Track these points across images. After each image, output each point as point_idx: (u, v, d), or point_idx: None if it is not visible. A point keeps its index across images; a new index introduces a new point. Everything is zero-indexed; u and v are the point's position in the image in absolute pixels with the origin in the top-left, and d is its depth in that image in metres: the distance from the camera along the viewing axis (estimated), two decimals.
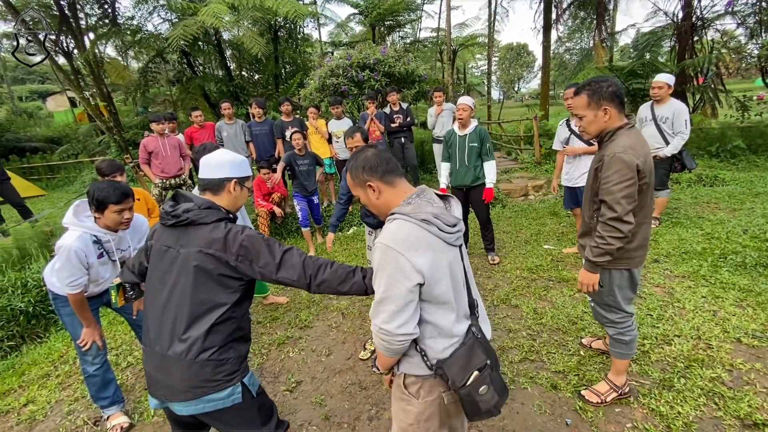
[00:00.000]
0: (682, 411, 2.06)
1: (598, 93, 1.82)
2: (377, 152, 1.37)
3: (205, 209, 1.43)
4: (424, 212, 1.21)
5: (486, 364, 1.27)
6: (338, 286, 1.43)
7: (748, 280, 3.21)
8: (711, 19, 9.40)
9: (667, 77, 4.12)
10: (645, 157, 1.78)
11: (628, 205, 1.75)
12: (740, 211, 4.71)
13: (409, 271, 1.16)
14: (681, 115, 4.00)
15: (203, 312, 1.37)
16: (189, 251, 1.38)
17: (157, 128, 5.00)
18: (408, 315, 1.19)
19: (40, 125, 20.63)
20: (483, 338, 1.33)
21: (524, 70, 49.50)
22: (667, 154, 4.11)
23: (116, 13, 11.82)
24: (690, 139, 7.56)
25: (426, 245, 1.19)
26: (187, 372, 1.35)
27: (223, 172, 1.51)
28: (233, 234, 1.40)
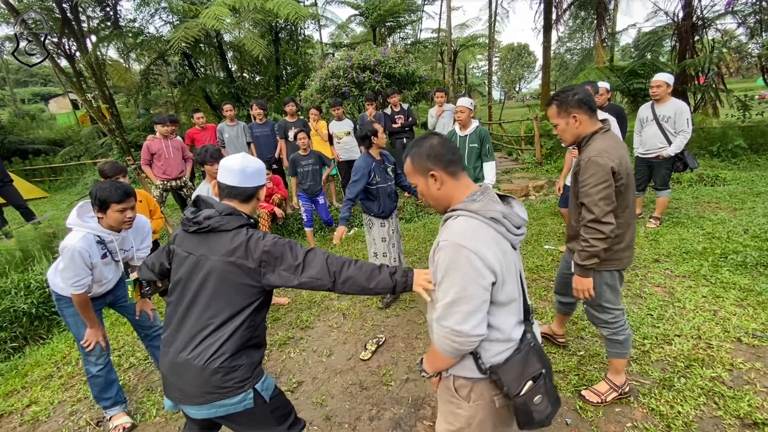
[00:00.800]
0: (682, 410, 2.06)
1: (565, 102, 1.90)
2: (443, 140, 1.29)
3: (227, 215, 1.41)
4: (494, 210, 1.17)
5: (541, 373, 1.23)
6: (365, 283, 1.39)
7: (749, 279, 3.21)
8: (711, 18, 9.40)
9: (666, 76, 4.12)
10: (620, 159, 1.83)
11: (606, 207, 1.81)
12: (741, 211, 4.71)
13: (483, 270, 1.12)
14: (683, 113, 3.99)
15: (221, 319, 1.37)
16: (211, 258, 1.38)
17: (162, 130, 5.03)
18: (482, 315, 1.15)
19: (43, 127, 20.73)
20: (538, 346, 1.29)
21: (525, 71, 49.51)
22: (671, 153, 4.10)
23: (118, 16, 11.89)
24: (691, 139, 7.56)
25: (495, 244, 1.15)
26: (199, 377, 1.35)
27: (257, 180, 1.52)
28: (255, 240, 1.38)
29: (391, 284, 1.40)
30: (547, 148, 8.11)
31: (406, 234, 5.25)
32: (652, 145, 4.26)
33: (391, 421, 2.26)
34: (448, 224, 1.21)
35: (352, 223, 6.00)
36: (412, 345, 2.95)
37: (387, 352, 2.90)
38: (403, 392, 2.47)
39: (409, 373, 2.64)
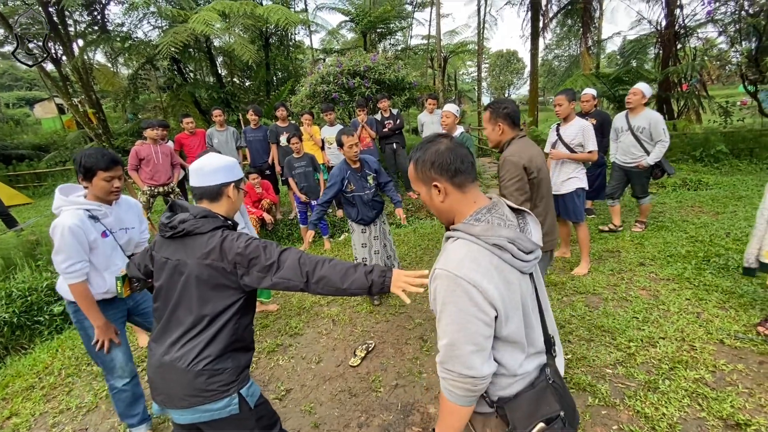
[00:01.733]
0: (667, 412, 2.09)
1: (496, 112, 2.27)
2: (452, 146, 1.12)
3: (201, 218, 1.40)
4: (498, 235, 1.02)
5: (558, 416, 1.06)
6: (338, 283, 1.35)
7: (731, 282, 3.28)
8: (693, 27, 9.66)
9: (644, 86, 4.15)
10: (531, 157, 2.17)
11: (520, 197, 2.14)
12: (723, 215, 4.82)
13: (484, 304, 0.99)
14: (658, 124, 4.03)
15: (204, 322, 1.37)
16: (188, 262, 1.37)
17: (151, 134, 4.98)
18: (488, 351, 1.03)
19: (27, 132, 20.35)
20: (560, 384, 1.14)
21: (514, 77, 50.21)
22: (650, 162, 4.12)
23: (106, 20, 11.78)
24: (674, 144, 7.78)
25: (498, 274, 1.01)
26: (183, 379, 1.35)
27: (219, 178, 1.47)
28: (229, 241, 1.37)
29: (367, 284, 1.34)
30: None
31: (396, 239, 5.26)
32: (629, 154, 4.27)
33: (380, 427, 2.25)
34: (447, 248, 1.08)
35: (342, 229, 6.00)
36: (401, 351, 2.95)
37: (376, 358, 2.89)
38: (392, 398, 2.47)
39: (398, 379, 2.64)
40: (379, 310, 3.57)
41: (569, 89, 3.98)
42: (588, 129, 3.55)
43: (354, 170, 3.45)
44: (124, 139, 12.72)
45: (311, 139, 5.68)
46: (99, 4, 11.43)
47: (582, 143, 3.57)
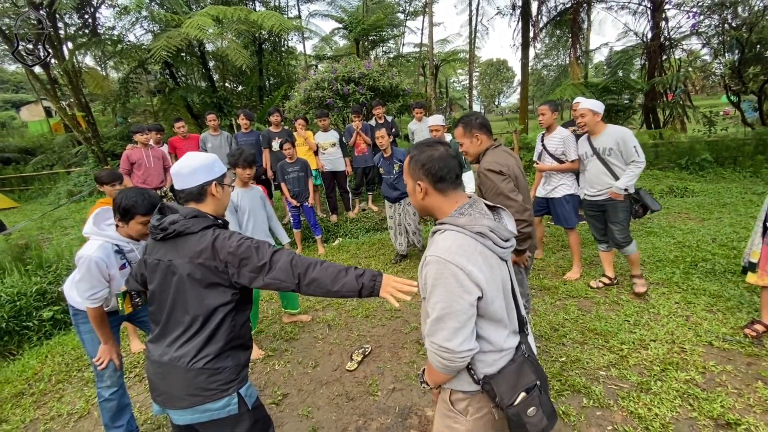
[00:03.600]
0: (659, 412, 2.14)
1: (469, 125, 2.29)
2: (445, 156, 1.24)
3: (191, 218, 1.40)
4: (480, 225, 1.16)
5: (535, 385, 1.22)
6: (329, 285, 1.36)
7: (718, 286, 3.37)
8: (678, 39, 9.96)
9: (589, 103, 3.29)
10: (509, 165, 2.21)
11: (516, 197, 2.15)
12: (709, 221, 4.95)
13: (469, 285, 1.12)
14: (627, 141, 3.15)
15: (200, 320, 1.37)
16: (180, 263, 1.37)
17: (141, 139, 4.94)
18: (469, 330, 1.15)
19: (14, 135, 20.00)
20: (533, 357, 1.29)
21: (504, 85, 50.99)
22: (620, 186, 3.19)
23: (97, 23, 11.69)
24: (661, 152, 7.99)
25: (482, 259, 1.15)
26: (183, 379, 1.35)
27: (199, 178, 1.46)
28: (221, 241, 1.38)
29: (357, 288, 1.37)
30: (527, 160, 8.34)
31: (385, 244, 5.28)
32: (599, 183, 3.35)
33: (379, 431, 2.25)
34: (436, 239, 1.21)
35: (336, 234, 6.01)
36: (398, 354, 2.96)
37: (373, 362, 2.90)
38: (390, 402, 2.47)
39: (395, 382, 2.65)
40: (375, 314, 3.58)
41: (552, 100, 4.04)
42: (569, 139, 3.62)
43: (384, 158, 4.43)
44: (114, 143, 12.55)
45: (305, 144, 5.69)
46: (90, 7, 11.34)
47: (564, 152, 3.64)
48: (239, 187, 3.11)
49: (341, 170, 5.84)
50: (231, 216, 2.98)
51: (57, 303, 3.90)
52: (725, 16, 8.47)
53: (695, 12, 8.72)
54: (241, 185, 3.12)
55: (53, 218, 7.81)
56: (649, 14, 10.09)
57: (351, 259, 4.89)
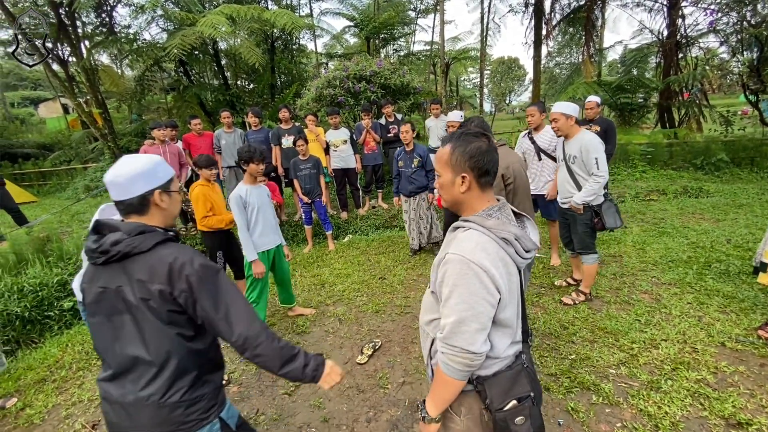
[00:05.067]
0: (669, 411, 2.14)
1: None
2: (490, 149, 1.20)
3: (137, 235, 1.18)
4: (507, 231, 1.14)
5: (529, 396, 1.20)
6: (275, 368, 1.25)
7: (732, 287, 3.33)
8: (695, 37, 9.77)
9: (562, 106, 3.11)
10: (508, 165, 2.28)
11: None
12: (724, 222, 4.88)
13: (491, 287, 1.10)
14: (590, 151, 2.96)
15: (164, 354, 1.20)
16: (130, 289, 1.17)
17: (159, 134, 5.06)
18: (487, 331, 1.15)
19: (32, 131, 20.49)
20: (531, 368, 1.27)
21: (515, 84, 50.50)
22: (577, 201, 3.09)
23: (113, 22, 11.91)
24: (675, 152, 7.87)
25: (503, 265, 1.13)
26: (155, 416, 1.20)
27: (139, 187, 1.23)
28: (179, 265, 1.18)
29: (300, 377, 1.29)
30: None
31: (378, 241, 5.31)
32: (563, 193, 3.28)
33: (389, 423, 2.30)
34: (458, 236, 1.18)
35: (347, 231, 6.06)
36: (408, 349, 3.00)
37: (383, 356, 2.94)
38: (400, 395, 2.51)
39: (405, 376, 2.69)
40: (385, 310, 3.62)
41: (540, 102, 4.15)
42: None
43: (406, 152, 4.60)
44: (129, 139, 12.80)
45: (316, 140, 5.75)
46: (107, 6, 11.57)
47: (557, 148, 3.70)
48: (248, 184, 3.10)
49: (352, 167, 5.89)
50: (239, 213, 3.01)
51: None
52: (744, 14, 8.29)
53: (713, 9, 8.55)
54: (250, 182, 3.12)
55: (71, 212, 8.01)
56: (665, 11, 9.93)
57: (361, 255, 4.94)
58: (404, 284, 4.10)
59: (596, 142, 3.00)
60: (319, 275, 4.52)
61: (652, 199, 6.37)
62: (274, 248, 3.25)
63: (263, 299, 3.15)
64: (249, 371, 2.92)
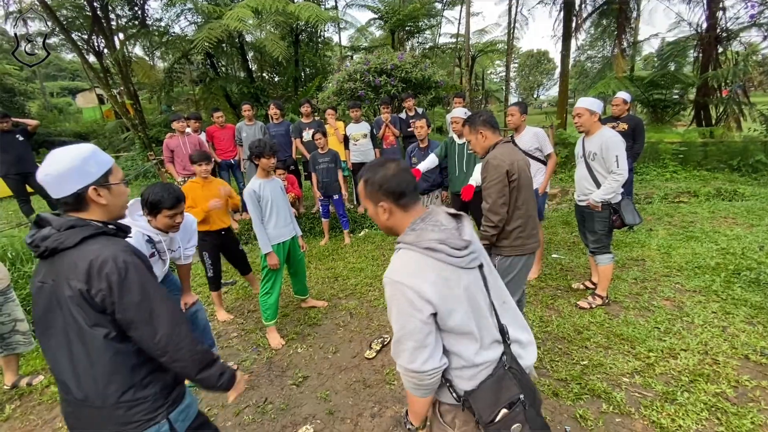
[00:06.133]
0: (684, 424, 2.07)
1: (474, 123, 2.41)
2: (399, 169, 1.23)
3: (66, 230, 1.14)
4: (428, 239, 1.14)
5: (518, 399, 1.14)
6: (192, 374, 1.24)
7: (761, 297, 3.16)
8: (736, 31, 9.21)
9: (587, 102, 3.06)
10: (513, 161, 2.25)
11: (498, 199, 2.26)
12: (758, 227, 4.62)
13: (419, 302, 1.09)
14: (609, 149, 2.94)
15: (94, 353, 1.15)
16: (59, 285, 1.13)
17: (177, 126, 5.21)
18: (431, 349, 1.12)
19: (70, 120, 21.43)
20: (517, 369, 1.20)
21: (544, 77, 49.07)
22: (595, 199, 3.05)
23: (145, 15, 12.26)
24: (710, 152, 7.49)
25: (433, 274, 1.11)
26: (99, 417, 1.18)
27: (70, 186, 1.16)
28: (100, 262, 1.11)
29: (214, 385, 1.29)
30: (562, 156, 8.06)
31: None
32: (581, 190, 3.26)
33: (393, 419, 2.31)
34: (392, 258, 1.21)
35: (363, 225, 6.08)
36: None
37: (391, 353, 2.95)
38: (406, 392, 2.52)
39: None
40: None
41: (522, 102, 3.99)
42: (541, 133, 3.64)
43: (420, 148, 4.51)
44: (158, 129, 13.21)
45: (335, 134, 5.77)
46: None
47: (539, 147, 3.64)
48: (261, 178, 3.10)
49: None
50: (253, 207, 3.04)
51: None
52: None
53: (755, 2, 8.01)
54: (264, 176, 3.12)
55: None
56: (704, 3, 9.38)
57: (375, 250, 4.96)
58: None
59: (617, 140, 2.98)
60: (333, 268, 4.56)
61: (682, 201, 6.09)
62: (289, 240, 3.30)
63: (276, 290, 3.20)
64: (260, 360, 2.99)
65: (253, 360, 3.01)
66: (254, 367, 2.93)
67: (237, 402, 2.55)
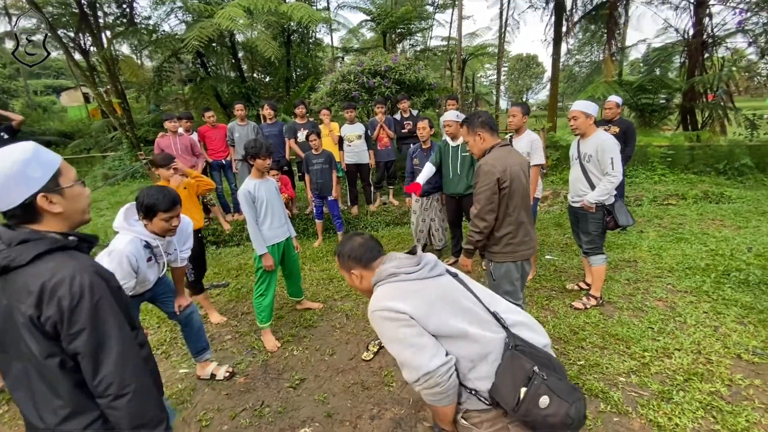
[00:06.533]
0: (680, 423, 2.09)
1: (472, 124, 2.40)
2: (363, 241, 1.49)
3: (18, 245, 1.00)
4: (387, 271, 1.37)
5: (534, 373, 1.17)
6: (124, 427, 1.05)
7: (751, 297, 3.23)
8: (722, 37, 9.44)
9: (582, 105, 3.13)
10: (506, 168, 2.24)
11: (486, 205, 2.27)
12: (745, 229, 4.73)
13: (395, 315, 1.25)
14: (605, 151, 3.00)
15: (57, 383, 1.03)
16: (11, 305, 1.01)
17: (169, 126, 5.12)
18: (430, 347, 1.21)
19: (54, 119, 20.98)
20: (524, 345, 1.26)
21: (533, 81, 49.67)
22: (590, 200, 3.09)
23: (134, 13, 12.07)
24: (697, 156, 7.64)
25: (400, 291, 1.31)
26: None
27: (15, 196, 1.01)
28: (53, 285, 0.97)
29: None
30: (553, 159, 8.15)
31: None
32: (575, 191, 3.31)
33: (392, 421, 2.29)
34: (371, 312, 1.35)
35: (357, 227, 6.06)
36: None
37: (388, 354, 2.91)
38: (404, 393, 2.51)
39: None
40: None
41: (524, 103, 3.97)
42: (536, 142, 3.61)
43: (422, 149, 4.39)
44: (147, 129, 12.99)
45: (329, 135, 5.74)
46: None
47: (530, 153, 3.61)
48: (256, 178, 3.04)
49: (365, 163, 5.87)
50: (248, 208, 2.98)
51: None
52: None
53: (742, 8, 8.22)
54: (258, 176, 3.05)
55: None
56: (691, 10, 9.60)
57: None
58: None
59: (612, 143, 3.03)
60: (328, 270, 4.53)
61: (671, 204, 6.20)
62: (283, 241, 3.25)
63: (271, 292, 3.16)
64: (256, 363, 2.94)
65: (249, 363, 2.96)
66: (249, 369, 2.88)
67: (233, 405, 2.51)
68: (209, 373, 2.77)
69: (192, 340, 2.70)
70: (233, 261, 5.08)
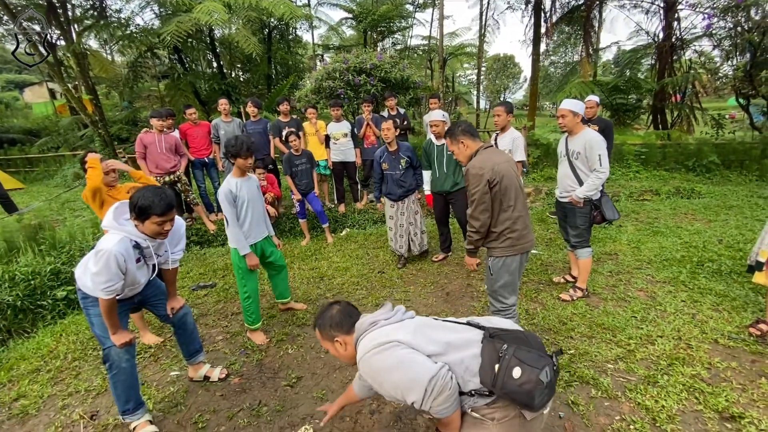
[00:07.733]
0: (666, 405, 2.20)
1: (454, 134, 2.52)
2: (341, 308, 1.59)
3: None
4: (367, 321, 1.51)
5: (503, 349, 1.30)
6: None
7: (724, 285, 3.42)
8: (689, 40, 9.89)
9: (570, 103, 3.19)
10: (493, 167, 2.32)
11: (479, 206, 2.36)
12: (715, 222, 4.99)
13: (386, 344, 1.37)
14: (593, 148, 3.09)
15: None
16: None
17: (157, 124, 4.95)
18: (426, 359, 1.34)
19: (18, 116, 19.96)
20: (496, 330, 1.43)
21: (510, 81, 50.57)
22: (579, 195, 3.19)
23: (104, 5, 11.61)
24: (668, 153, 7.99)
25: (384, 332, 1.43)
26: None
27: None
28: None
29: None
30: (534, 157, 8.35)
31: None
32: (564, 187, 3.38)
33: (392, 414, 2.32)
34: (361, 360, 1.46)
35: (344, 224, 6.05)
36: None
37: None
38: None
39: None
40: (386, 304, 3.63)
41: (508, 102, 4.11)
42: (519, 139, 3.76)
43: (390, 152, 4.18)
44: (120, 127, 12.55)
45: (315, 134, 5.70)
46: None
47: (512, 151, 3.76)
48: (237, 177, 2.97)
49: (352, 161, 5.86)
50: (229, 207, 2.91)
51: (71, 283, 3.95)
52: (738, 19, 8.41)
53: (710, 13, 8.65)
54: (240, 175, 2.98)
55: (62, 200, 7.85)
56: (661, 13, 10.03)
57: (359, 249, 4.94)
58: (403, 278, 4.12)
59: (599, 140, 3.14)
60: (317, 268, 4.51)
61: (646, 199, 6.47)
62: (261, 240, 3.18)
63: (253, 291, 3.08)
64: (250, 363, 2.91)
65: (242, 363, 2.92)
66: (244, 370, 2.84)
67: (229, 406, 2.48)
68: (202, 375, 2.72)
69: (185, 343, 2.64)
70: (219, 261, 4.99)
